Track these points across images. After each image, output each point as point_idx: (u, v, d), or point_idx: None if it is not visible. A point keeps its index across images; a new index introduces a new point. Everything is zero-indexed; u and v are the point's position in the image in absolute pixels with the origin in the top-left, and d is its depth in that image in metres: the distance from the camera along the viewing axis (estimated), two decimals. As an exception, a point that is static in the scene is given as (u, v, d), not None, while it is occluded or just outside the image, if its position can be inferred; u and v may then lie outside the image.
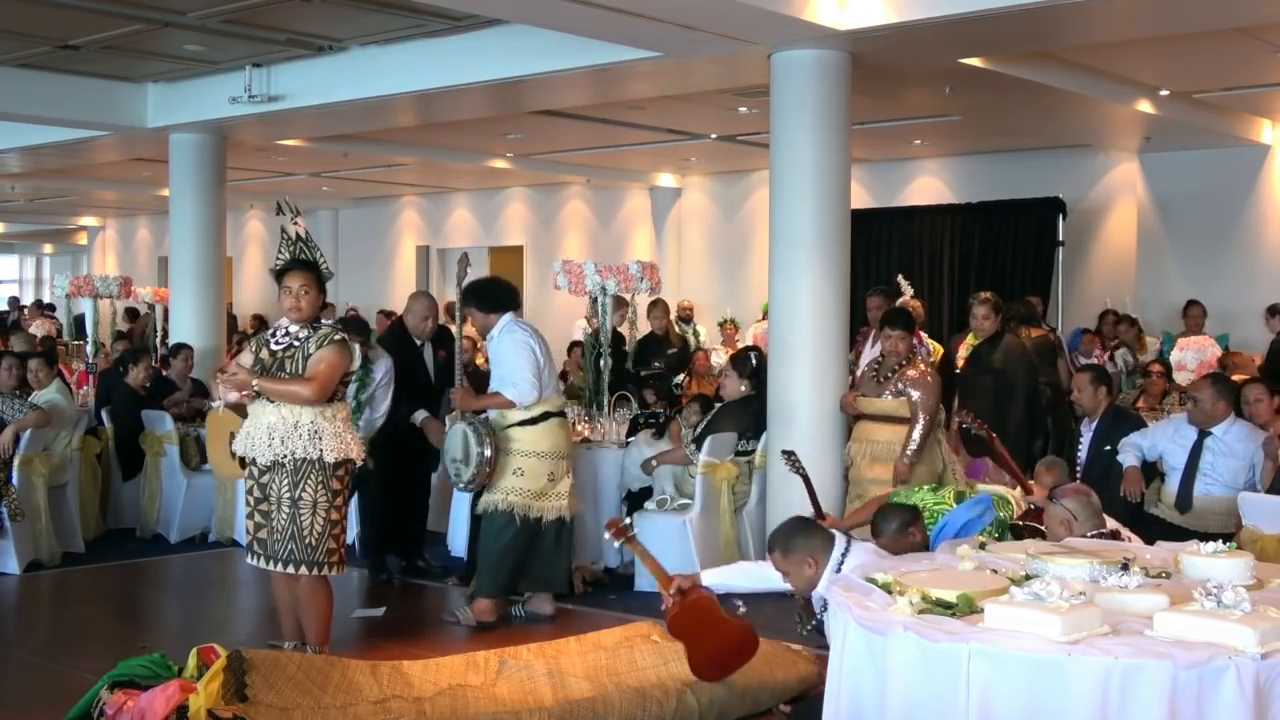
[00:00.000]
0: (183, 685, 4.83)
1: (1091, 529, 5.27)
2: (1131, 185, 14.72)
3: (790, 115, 8.56)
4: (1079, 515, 5.32)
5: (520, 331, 7.32)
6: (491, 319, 7.37)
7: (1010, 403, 8.68)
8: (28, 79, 11.50)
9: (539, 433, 7.27)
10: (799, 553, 5.02)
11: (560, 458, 7.38)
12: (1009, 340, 9.00)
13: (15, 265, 35.12)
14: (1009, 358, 8.85)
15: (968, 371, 9.02)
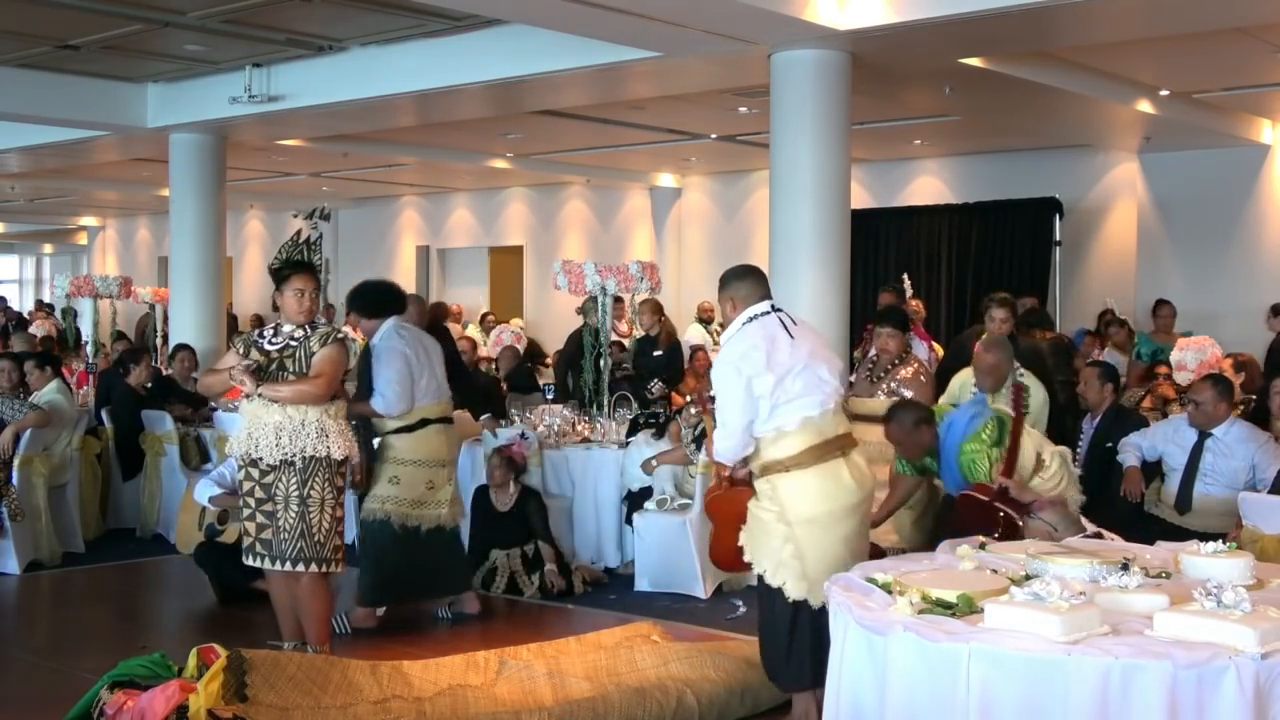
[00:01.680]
0: (183, 685, 4.83)
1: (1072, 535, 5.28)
2: (1131, 185, 14.73)
3: (790, 115, 8.57)
4: (1059, 526, 5.32)
5: (396, 340, 7.08)
6: (373, 324, 7.15)
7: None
8: (28, 79, 11.51)
9: (415, 440, 7.12)
10: (726, 290, 5.35)
11: (439, 465, 7.21)
12: (1025, 344, 8.60)
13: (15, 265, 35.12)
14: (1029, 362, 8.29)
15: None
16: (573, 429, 8.98)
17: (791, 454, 5.15)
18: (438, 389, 7.30)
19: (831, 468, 5.21)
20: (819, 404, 5.20)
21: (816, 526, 5.16)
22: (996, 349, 7.44)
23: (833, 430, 5.25)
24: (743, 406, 5.14)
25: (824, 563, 5.08)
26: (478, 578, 7.90)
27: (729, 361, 5.22)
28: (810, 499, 5.16)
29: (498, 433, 8.70)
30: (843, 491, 5.21)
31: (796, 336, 5.27)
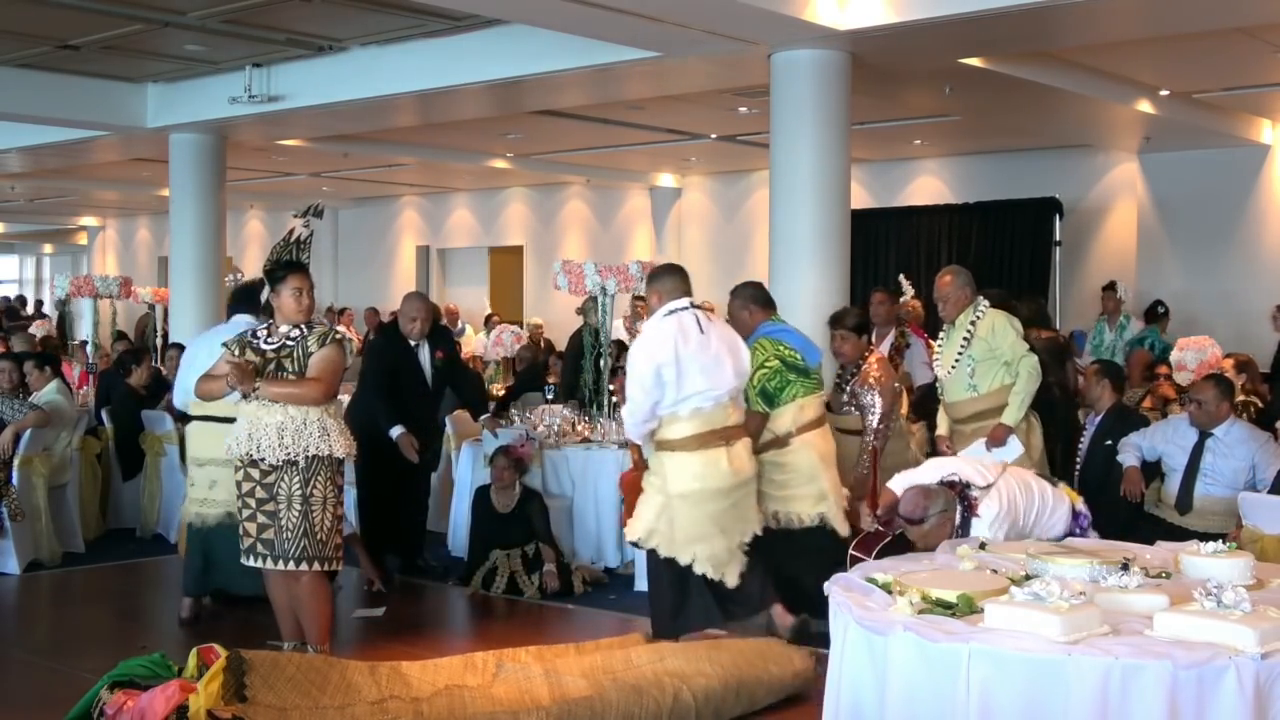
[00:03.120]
0: (183, 685, 4.82)
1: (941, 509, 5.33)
2: (1131, 185, 14.74)
3: (790, 115, 8.57)
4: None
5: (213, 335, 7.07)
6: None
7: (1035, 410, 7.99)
8: (28, 79, 11.52)
9: (199, 436, 7.04)
10: (654, 284, 6.23)
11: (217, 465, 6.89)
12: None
13: (15, 265, 35.15)
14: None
15: None
16: (573, 429, 8.97)
17: (679, 437, 5.99)
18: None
19: (713, 454, 6.01)
20: (712, 398, 6.01)
21: (689, 501, 6.01)
22: (953, 273, 7.47)
23: (721, 422, 6.06)
24: (650, 389, 5.94)
25: (691, 533, 6.02)
26: (478, 577, 7.90)
27: (644, 348, 6.03)
28: (687, 477, 5.99)
29: (498, 433, 8.69)
30: (718, 475, 6.02)
31: (706, 333, 6.07)
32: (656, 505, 6.08)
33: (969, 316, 7.35)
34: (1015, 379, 7.19)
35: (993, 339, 7.24)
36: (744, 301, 6.94)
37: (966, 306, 7.38)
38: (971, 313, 7.35)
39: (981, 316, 7.31)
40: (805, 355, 6.72)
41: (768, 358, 6.59)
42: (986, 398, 7.29)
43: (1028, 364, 7.19)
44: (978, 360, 7.29)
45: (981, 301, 7.41)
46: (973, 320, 7.33)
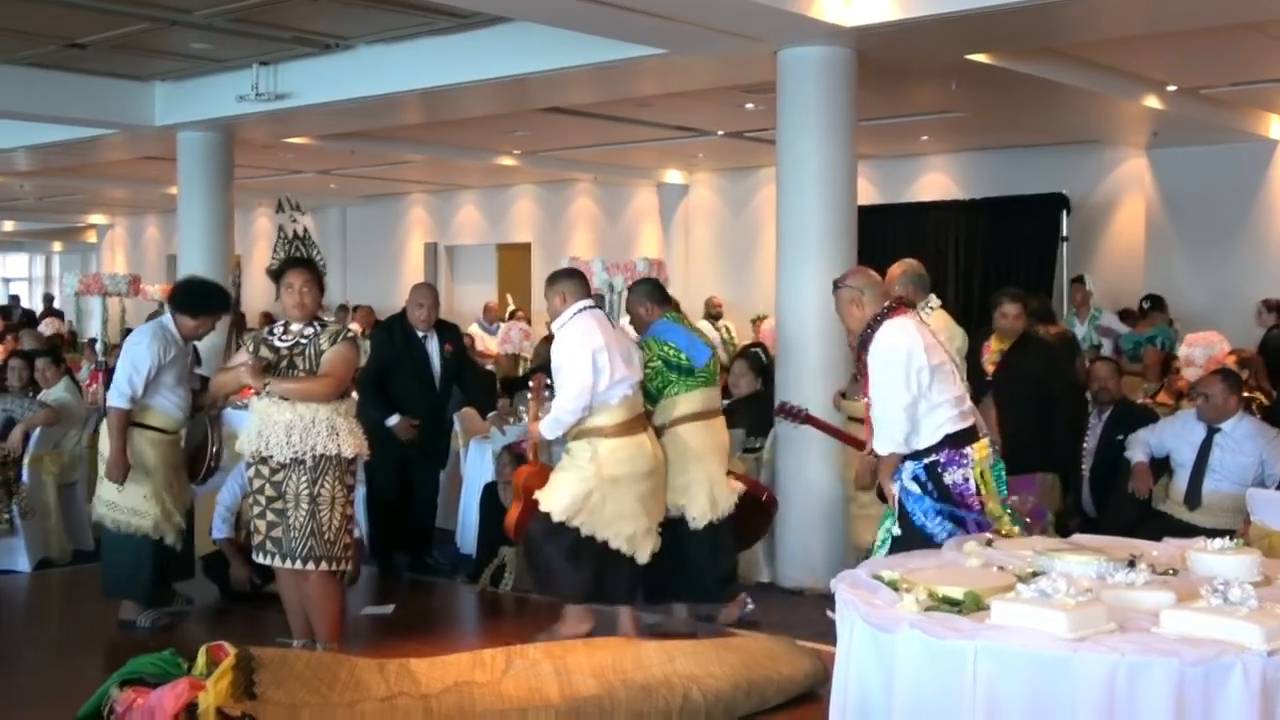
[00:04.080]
0: (192, 683, 4.85)
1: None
2: (1139, 180, 14.72)
3: (796, 112, 8.56)
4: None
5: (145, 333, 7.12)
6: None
7: (1050, 409, 7.86)
8: (36, 78, 11.53)
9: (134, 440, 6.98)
10: (557, 286, 6.54)
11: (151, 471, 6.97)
12: (1040, 342, 8.16)
13: (25, 263, 35.24)
14: (1047, 361, 8.03)
15: (1003, 378, 7.81)
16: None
17: (611, 423, 6.39)
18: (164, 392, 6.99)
19: (638, 439, 6.48)
20: (632, 385, 6.48)
21: (620, 484, 6.41)
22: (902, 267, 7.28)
23: (640, 408, 6.57)
24: (588, 373, 6.28)
25: (620, 512, 6.43)
26: (487, 574, 7.91)
27: (575, 339, 6.38)
28: (620, 460, 6.40)
29: (506, 430, 8.70)
30: (644, 458, 6.47)
31: (613, 329, 6.58)
32: (584, 488, 6.39)
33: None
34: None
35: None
36: (640, 298, 7.09)
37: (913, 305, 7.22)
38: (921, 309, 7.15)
39: (930, 314, 7.09)
40: (691, 354, 6.84)
41: (651, 358, 6.77)
42: None
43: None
44: None
45: (931, 301, 7.26)
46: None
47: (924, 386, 5.34)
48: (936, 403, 5.39)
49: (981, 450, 5.50)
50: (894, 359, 5.38)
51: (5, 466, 8.53)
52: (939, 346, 5.54)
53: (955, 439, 5.41)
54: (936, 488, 5.43)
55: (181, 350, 7.08)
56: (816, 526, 8.12)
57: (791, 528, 8.21)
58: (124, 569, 7.14)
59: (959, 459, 5.43)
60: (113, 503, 7.00)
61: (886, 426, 5.43)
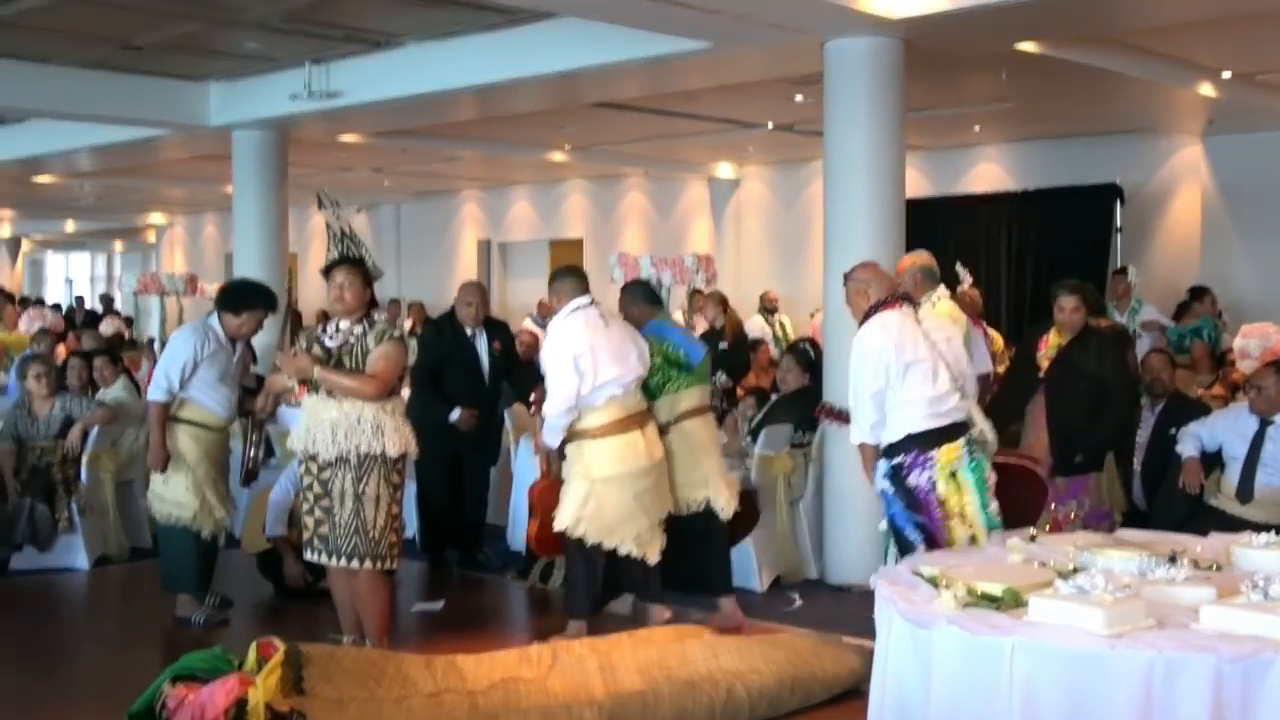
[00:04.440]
0: (242, 679, 4.91)
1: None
2: (1195, 169, 14.52)
3: (844, 105, 8.53)
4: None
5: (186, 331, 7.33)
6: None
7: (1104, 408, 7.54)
8: (94, 79, 11.71)
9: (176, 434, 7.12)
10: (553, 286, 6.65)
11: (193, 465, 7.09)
12: (1097, 338, 7.75)
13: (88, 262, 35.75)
14: (1103, 359, 7.64)
15: (1057, 375, 7.60)
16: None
17: (598, 424, 6.40)
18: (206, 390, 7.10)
19: (630, 438, 6.43)
20: (623, 385, 6.43)
21: (613, 484, 6.38)
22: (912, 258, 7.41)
23: (634, 408, 6.50)
24: (569, 377, 6.31)
25: (619, 514, 6.39)
26: (536, 571, 7.95)
27: (556, 343, 6.43)
28: (610, 461, 6.38)
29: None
30: (637, 457, 6.42)
31: (610, 326, 6.52)
32: (581, 493, 6.43)
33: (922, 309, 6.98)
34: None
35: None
36: (633, 299, 7.15)
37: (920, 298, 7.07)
38: (925, 303, 7.05)
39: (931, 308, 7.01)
40: (688, 353, 6.93)
41: (653, 354, 6.79)
42: None
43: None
44: None
45: (937, 292, 7.23)
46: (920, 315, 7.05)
47: (892, 380, 5.66)
48: (906, 399, 5.68)
49: (949, 454, 5.69)
50: (867, 350, 5.75)
51: (64, 465, 8.68)
52: (922, 345, 5.77)
53: (922, 439, 5.67)
54: (902, 492, 5.73)
55: (224, 349, 7.18)
56: (864, 523, 8.06)
57: (839, 524, 8.20)
58: (174, 561, 7.32)
59: (923, 462, 5.67)
60: (158, 495, 7.19)
61: (856, 415, 5.86)
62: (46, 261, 36.88)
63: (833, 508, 8.25)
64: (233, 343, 7.27)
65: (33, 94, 11.74)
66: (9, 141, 15.04)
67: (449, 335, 8.35)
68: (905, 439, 5.68)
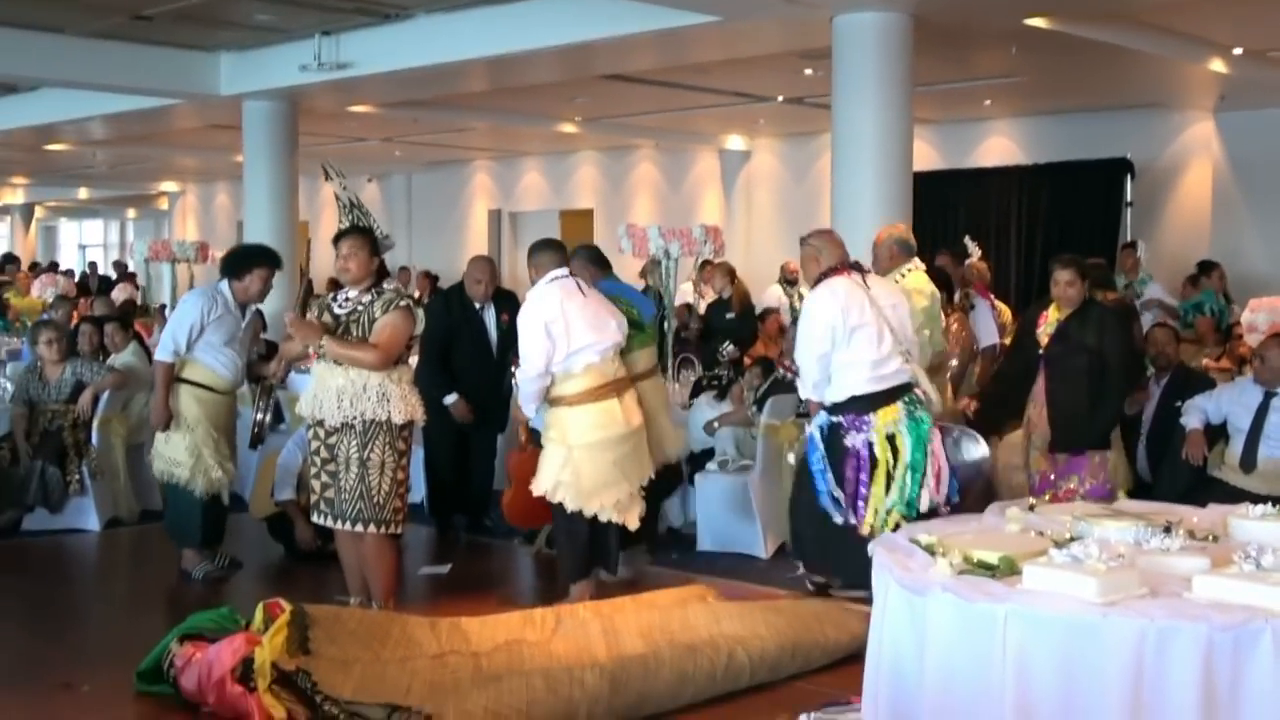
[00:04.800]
0: (248, 638, 4.99)
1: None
2: (1206, 145, 14.51)
3: (852, 78, 8.57)
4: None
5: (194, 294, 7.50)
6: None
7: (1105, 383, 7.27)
8: (105, 49, 11.76)
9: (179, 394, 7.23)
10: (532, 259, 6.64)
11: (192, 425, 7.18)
12: (1099, 313, 7.50)
13: (100, 229, 35.86)
14: (1103, 333, 7.37)
15: (1056, 350, 7.42)
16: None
17: (575, 391, 6.39)
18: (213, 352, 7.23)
19: (607, 405, 6.43)
20: (599, 351, 6.42)
21: (591, 450, 6.39)
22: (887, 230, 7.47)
23: (611, 375, 6.48)
24: (540, 344, 6.33)
25: (597, 480, 6.40)
26: (542, 536, 8.00)
27: (530, 309, 6.45)
28: (586, 427, 6.39)
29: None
30: (614, 423, 6.43)
31: (588, 295, 6.52)
32: (559, 458, 6.44)
33: (893, 279, 7.14)
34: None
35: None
36: (584, 262, 7.18)
37: (894, 268, 7.27)
38: (895, 275, 7.21)
39: (902, 279, 7.14)
40: (641, 310, 7.00)
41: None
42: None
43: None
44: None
45: (910, 263, 7.30)
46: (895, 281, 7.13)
47: (838, 343, 6.09)
48: (849, 361, 6.12)
49: (886, 415, 6.14)
50: (816, 314, 6.20)
51: (75, 429, 8.75)
52: (869, 310, 6.14)
53: (862, 402, 6.11)
54: (833, 449, 6.20)
55: (232, 314, 7.28)
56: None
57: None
58: (176, 517, 7.49)
59: (860, 424, 6.14)
60: (159, 452, 7.34)
61: (803, 373, 6.31)
62: (60, 228, 37.00)
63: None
64: (243, 309, 7.34)
65: (46, 63, 11.80)
66: (22, 109, 15.11)
67: (457, 308, 8.37)
68: (848, 400, 6.14)
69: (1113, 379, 7.22)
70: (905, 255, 7.27)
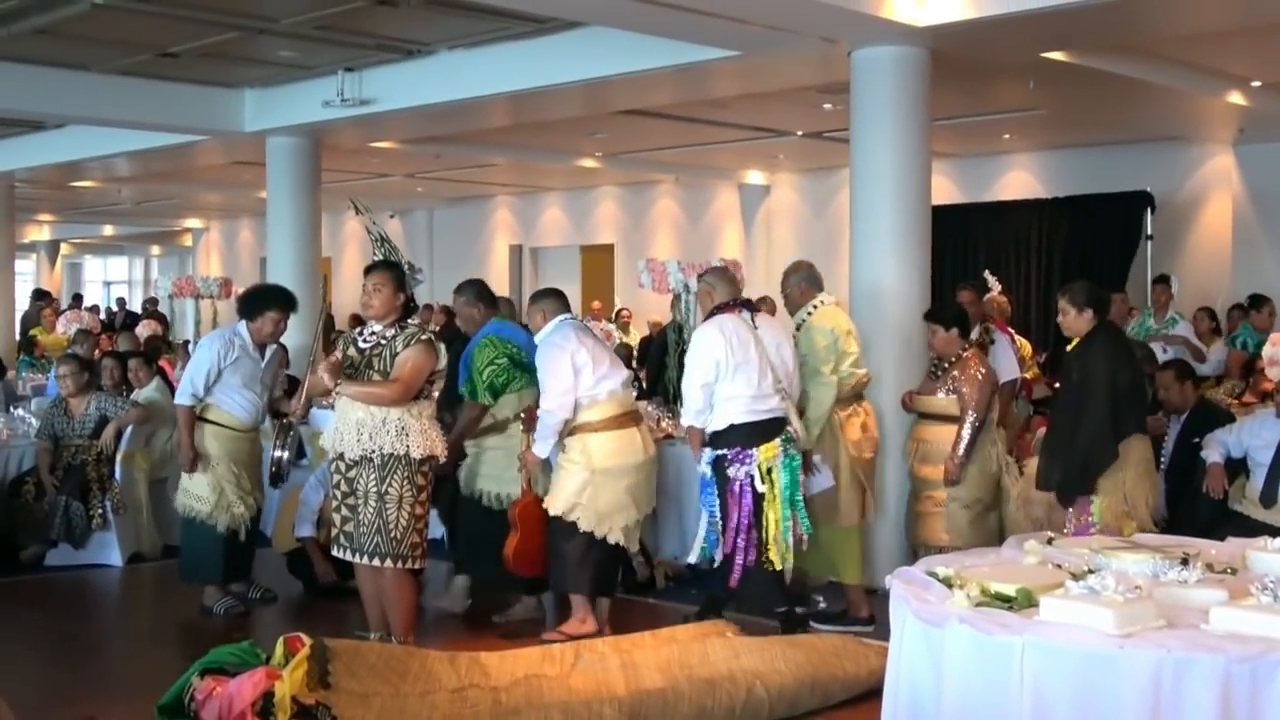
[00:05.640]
0: (269, 672, 5.01)
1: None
2: (1226, 178, 14.49)
3: (871, 112, 8.58)
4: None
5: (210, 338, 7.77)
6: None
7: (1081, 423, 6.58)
8: (131, 86, 11.87)
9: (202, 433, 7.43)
10: (537, 305, 6.98)
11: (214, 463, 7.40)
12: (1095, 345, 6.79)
13: (125, 266, 36.10)
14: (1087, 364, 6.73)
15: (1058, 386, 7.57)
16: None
17: (601, 418, 6.71)
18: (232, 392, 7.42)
19: (628, 433, 6.79)
20: (620, 382, 6.80)
21: (611, 475, 6.69)
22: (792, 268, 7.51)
23: (630, 404, 6.90)
24: (567, 373, 6.64)
25: (612, 504, 6.70)
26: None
27: (552, 345, 6.75)
28: (610, 452, 6.70)
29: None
30: (635, 451, 6.78)
31: (591, 336, 6.93)
32: (579, 481, 6.70)
33: (802, 315, 7.23)
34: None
35: (806, 343, 7.07)
36: (470, 299, 7.34)
37: (804, 303, 7.28)
38: (803, 312, 7.24)
39: (808, 317, 7.18)
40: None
41: (497, 355, 7.00)
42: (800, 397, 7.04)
43: (817, 382, 6.96)
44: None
45: (820, 296, 7.28)
46: (802, 319, 7.20)
47: (721, 375, 6.53)
48: (731, 394, 6.55)
49: (767, 451, 6.57)
50: (703, 347, 6.62)
51: (99, 464, 8.82)
52: (752, 348, 6.59)
53: (742, 431, 6.54)
54: (718, 480, 6.61)
55: (249, 356, 7.43)
56: (892, 525, 8.12)
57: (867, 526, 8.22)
58: (192, 553, 7.59)
59: (743, 457, 6.55)
60: (184, 488, 7.49)
61: (687, 401, 6.72)
62: (85, 265, 37.27)
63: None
64: (262, 348, 7.42)
65: (72, 101, 11.91)
66: (49, 146, 15.24)
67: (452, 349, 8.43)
68: (728, 428, 6.57)
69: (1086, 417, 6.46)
70: (813, 289, 7.35)
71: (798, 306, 7.29)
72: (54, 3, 9.32)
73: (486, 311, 7.30)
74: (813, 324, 7.11)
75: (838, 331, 7.11)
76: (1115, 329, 7.07)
